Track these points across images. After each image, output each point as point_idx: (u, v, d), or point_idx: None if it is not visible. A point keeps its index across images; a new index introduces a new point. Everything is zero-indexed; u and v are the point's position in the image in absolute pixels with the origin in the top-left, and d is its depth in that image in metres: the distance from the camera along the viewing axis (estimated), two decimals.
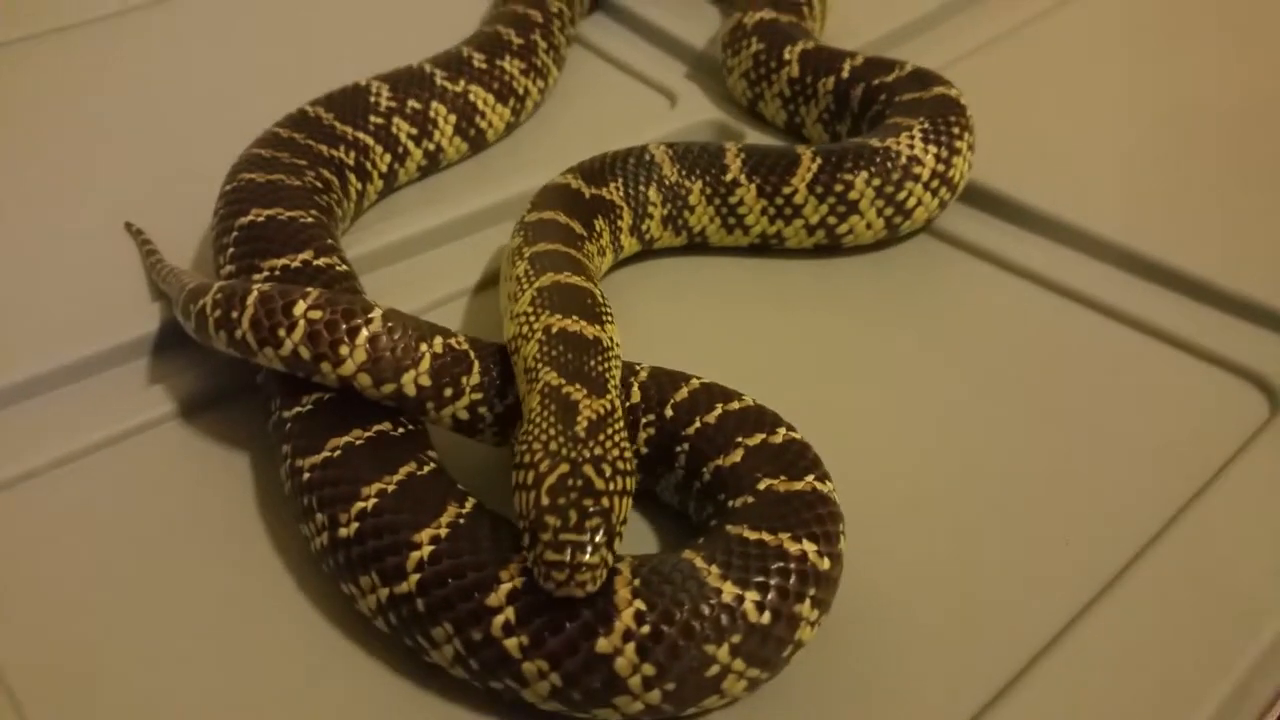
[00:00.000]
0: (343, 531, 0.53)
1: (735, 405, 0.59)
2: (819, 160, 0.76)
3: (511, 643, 0.49)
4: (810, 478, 0.55)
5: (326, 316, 0.58)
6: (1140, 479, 0.63)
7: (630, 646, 0.48)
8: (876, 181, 0.75)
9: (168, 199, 0.82)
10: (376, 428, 0.57)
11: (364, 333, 0.58)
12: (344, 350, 0.57)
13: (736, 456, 0.56)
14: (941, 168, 0.77)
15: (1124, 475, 0.63)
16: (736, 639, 0.48)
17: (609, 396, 0.55)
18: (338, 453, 0.56)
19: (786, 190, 0.76)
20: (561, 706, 0.49)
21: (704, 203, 0.77)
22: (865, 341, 0.73)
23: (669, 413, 0.60)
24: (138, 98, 0.97)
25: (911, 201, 0.77)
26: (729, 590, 0.49)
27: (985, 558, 0.59)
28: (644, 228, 0.76)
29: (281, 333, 0.58)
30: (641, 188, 0.76)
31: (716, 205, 0.77)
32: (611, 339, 0.60)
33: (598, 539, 0.48)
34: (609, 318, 0.61)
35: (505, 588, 0.49)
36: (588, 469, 0.50)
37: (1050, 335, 0.73)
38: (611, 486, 0.50)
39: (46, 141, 0.91)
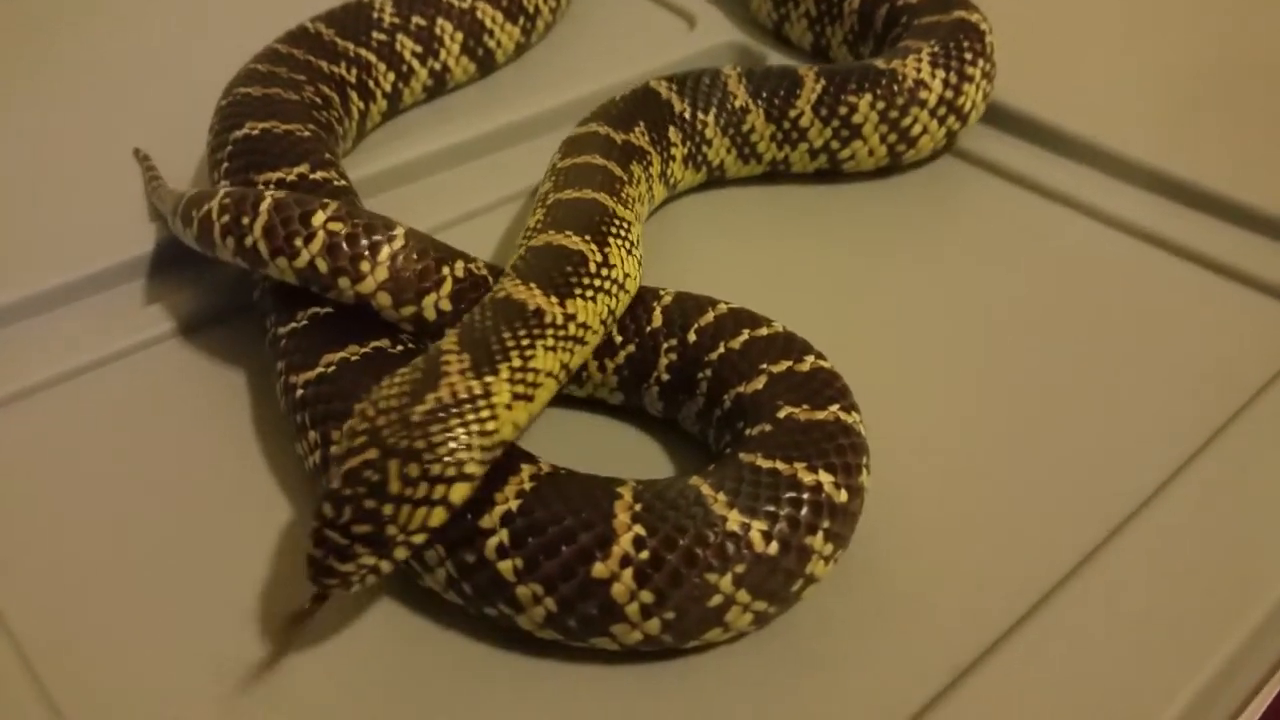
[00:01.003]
0: (335, 449, 0.52)
1: (763, 331, 0.58)
2: (823, 81, 0.75)
3: (505, 566, 0.48)
4: (835, 407, 0.53)
5: (348, 230, 0.57)
6: (1173, 403, 0.62)
7: (628, 572, 0.47)
8: (881, 105, 0.74)
9: (166, 121, 0.82)
10: (374, 344, 0.57)
11: (386, 250, 0.57)
12: (365, 266, 0.57)
13: (759, 384, 0.55)
14: (950, 94, 0.75)
15: (1156, 399, 0.62)
16: (740, 569, 0.48)
17: (491, 380, 0.49)
18: (332, 369, 0.56)
19: (792, 113, 0.75)
20: (558, 634, 0.49)
21: (719, 134, 0.76)
22: (891, 266, 0.72)
23: (692, 337, 0.59)
24: (138, 20, 0.97)
25: (916, 129, 0.76)
26: (735, 518, 0.48)
27: (1011, 488, 0.58)
28: (669, 172, 0.75)
29: (298, 243, 0.57)
30: (662, 128, 0.74)
31: (731, 135, 0.76)
32: (569, 316, 0.54)
33: (359, 548, 0.46)
34: (588, 293, 0.56)
35: (499, 509, 0.49)
36: (393, 464, 0.46)
37: (1080, 258, 0.73)
38: (411, 492, 0.46)
39: (42, 65, 0.92)
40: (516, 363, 0.51)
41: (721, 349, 0.58)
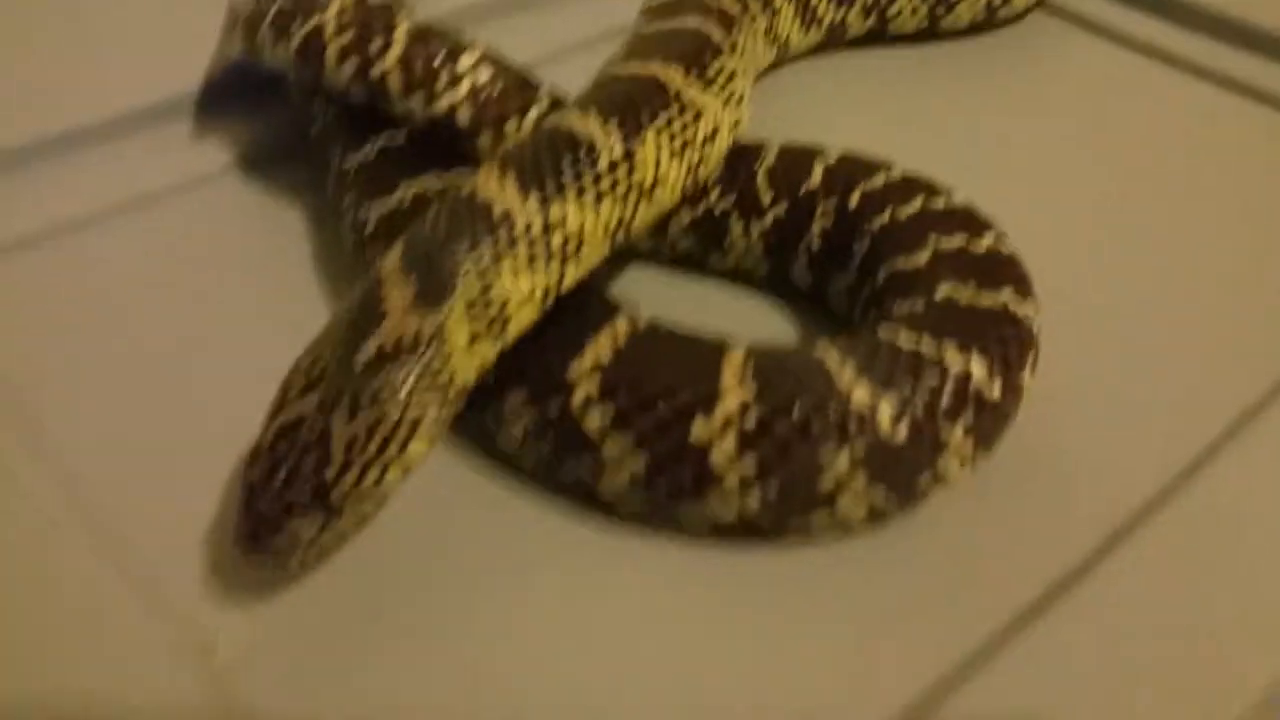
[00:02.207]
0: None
1: (940, 202, 0.53)
2: None
3: (593, 418, 0.44)
4: (1007, 290, 0.48)
5: (494, 78, 0.54)
6: None
7: (730, 436, 0.43)
8: None
9: None
10: (458, 168, 0.53)
11: (535, 111, 0.54)
12: (512, 125, 0.54)
13: (922, 259, 0.51)
14: None
15: None
16: (860, 449, 0.43)
17: (439, 314, 0.43)
18: (408, 202, 0.51)
19: None
20: (640, 505, 0.45)
21: (787, 2, 0.71)
22: (999, 132, 0.70)
23: (854, 201, 0.54)
24: None
25: None
26: (861, 392, 0.43)
27: (1167, 374, 0.54)
28: (757, 49, 0.67)
29: (440, 85, 0.54)
30: None
31: (796, 2, 0.72)
32: (549, 225, 0.45)
33: (293, 521, 0.41)
34: (586, 196, 0.47)
35: (590, 360, 0.45)
36: (338, 420, 0.41)
37: (1195, 121, 0.71)
38: (359, 451, 0.41)
39: None
40: (474, 289, 0.44)
41: (886, 216, 0.53)
